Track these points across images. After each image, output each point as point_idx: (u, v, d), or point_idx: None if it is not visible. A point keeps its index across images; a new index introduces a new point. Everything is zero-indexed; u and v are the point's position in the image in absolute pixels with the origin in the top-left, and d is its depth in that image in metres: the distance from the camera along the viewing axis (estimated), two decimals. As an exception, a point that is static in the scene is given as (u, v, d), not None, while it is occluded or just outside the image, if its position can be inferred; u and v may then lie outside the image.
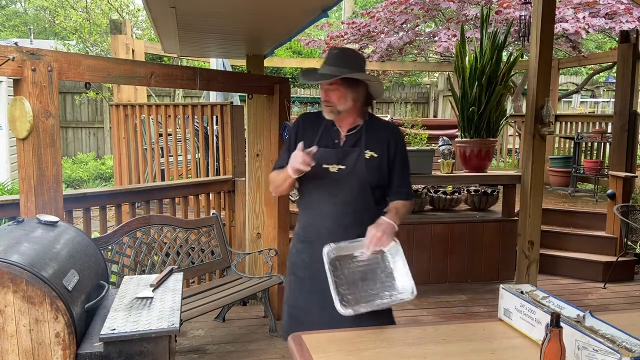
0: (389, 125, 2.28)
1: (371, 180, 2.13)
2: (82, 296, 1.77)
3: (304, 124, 2.28)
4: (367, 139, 2.16)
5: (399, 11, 8.02)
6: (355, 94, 2.12)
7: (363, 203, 2.14)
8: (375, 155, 2.14)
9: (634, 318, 1.81)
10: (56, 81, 2.36)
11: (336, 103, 2.11)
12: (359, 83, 2.12)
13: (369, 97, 2.21)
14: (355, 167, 2.12)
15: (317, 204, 2.18)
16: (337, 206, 2.14)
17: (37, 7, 15.57)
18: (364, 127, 2.18)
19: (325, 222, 2.16)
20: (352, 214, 2.13)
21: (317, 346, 1.54)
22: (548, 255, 5.02)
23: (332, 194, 2.14)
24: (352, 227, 2.11)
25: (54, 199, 2.38)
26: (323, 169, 2.13)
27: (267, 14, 3.40)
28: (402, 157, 2.23)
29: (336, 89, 2.09)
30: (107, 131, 11.35)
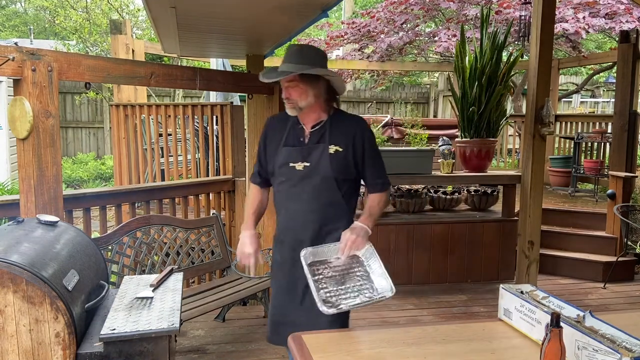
0: (354, 118, 2.28)
1: (337, 175, 2.14)
2: (82, 296, 1.77)
3: (270, 129, 2.32)
4: (331, 134, 2.17)
5: (399, 11, 8.02)
6: (315, 89, 2.12)
7: (330, 199, 2.16)
8: (340, 150, 2.15)
9: (634, 318, 1.81)
10: (56, 81, 2.36)
11: (297, 99, 2.12)
12: (319, 79, 2.12)
13: (333, 93, 2.22)
14: (319, 163, 2.14)
15: (286, 203, 2.22)
16: (304, 204, 2.17)
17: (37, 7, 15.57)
18: (328, 123, 2.19)
19: (293, 221, 2.21)
20: (319, 211, 2.16)
21: (317, 346, 1.54)
22: (548, 255, 5.02)
23: (299, 191, 2.17)
24: (321, 223, 2.16)
25: (54, 199, 2.38)
26: (290, 167, 2.17)
27: (267, 14, 3.40)
28: (371, 148, 2.22)
29: (296, 85, 2.10)
30: (107, 131, 11.35)
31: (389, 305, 4.26)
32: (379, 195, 2.25)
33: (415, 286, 4.74)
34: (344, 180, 2.18)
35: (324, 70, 2.13)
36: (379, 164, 2.25)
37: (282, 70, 2.10)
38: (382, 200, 2.25)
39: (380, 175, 2.25)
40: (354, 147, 2.17)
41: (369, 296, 1.90)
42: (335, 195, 2.17)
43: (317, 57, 2.15)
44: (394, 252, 4.70)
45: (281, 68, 2.12)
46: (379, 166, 2.25)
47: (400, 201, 5.04)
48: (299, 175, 2.16)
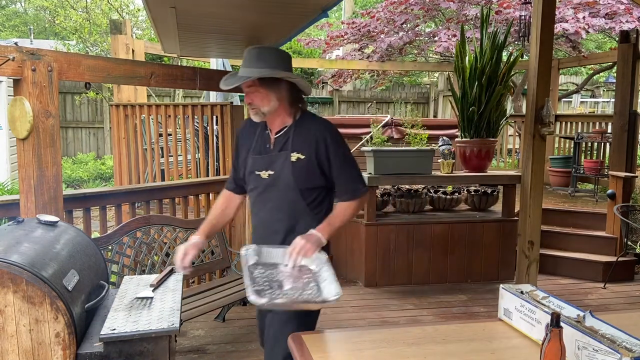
0: (319, 123, 2.13)
1: (300, 184, 2.05)
2: (82, 296, 1.78)
3: (242, 134, 2.25)
4: (294, 141, 2.06)
5: (399, 11, 8.03)
6: (277, 93, 2.03)
7: (294, 208, 2.08)
8: (302, 157, 2.04)
9: (634, 318, 1.81)
10: (56, 81, 2.36)
11: (259, 105, 2.03)
12: (280, 81, 2.03)
13: (299, 94, 2.11)
14: (282, 172, 2.06)
15: (257, 211, 2.18)
16: (269, 212, 2.12)
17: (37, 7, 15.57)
18: (292, 128, 2.09)
19: (262, 229, 2.17)
20: (284, 220, 2.09)
21: (317, 346, 1.54)
22: (548, 255, 5.02)
23: (265, 200, 2.12)
24: (286, 233, 2.08)
25: (54, 199, 2.38)
26: (256, 175, 2.12)
27: (267, 14, 3.40)
28: (337, 154, 2.07)
29: (256, 90, 2.01)
30: (107, 131, 11.35)
31: (388, 305, 4.26)
32: (347, 204, 2.10)
33: (415, 286, 4.74)
34: (310, 189, 2.07)
35: (283, 72, 2.02)
36: (349, 171, 2.10)
37: (240, 76, 2.01)
38: (349, 209, 2.10)
39: (349, 183, 2.10)
40: (317, 154, 2.04)
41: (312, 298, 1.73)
42: (299, 205, 2.07)
43: (277, 59, 2.04)
44: (394, 252, 4.71)
45: (240, 73, 2.03)
46: (348, 173, 2.10)
47: (400, 201, 5.04)
48: (264, 184, 2.10)
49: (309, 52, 13.15)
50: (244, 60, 2.04)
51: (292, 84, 2.07)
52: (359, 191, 2.11)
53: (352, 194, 2.10)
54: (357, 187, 2.11)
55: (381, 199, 4.99)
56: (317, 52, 12.11)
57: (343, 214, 2.09)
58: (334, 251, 5.07)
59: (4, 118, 8.60)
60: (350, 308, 4.19)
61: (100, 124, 11.88)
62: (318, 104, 12.92)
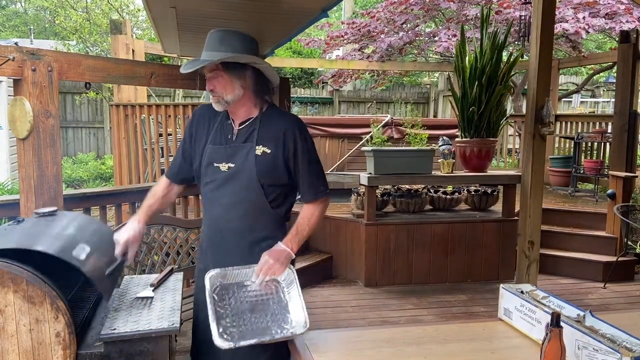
0: (286, 116, 2.02)
1: (263, 179, 1.91)
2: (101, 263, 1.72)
3: (199, 118, 2.07)
4: (260, 133, 1.93)
5: (399, 11, 8.03)
6: (242, 80, 1.90)
7: (255, 205, 1.94)
8: (267, 151, 1.91)
9: (634, 318, 1.81)
10: (56, 81, 2.36)
11: (222, 92, 1.89)
12: (246, 68, 1.89)
13: (266, 84, 1.98)
14: (244, 165, 1.91)
15: (210, 207, 2.01)
16: (226, 208, 1.95)
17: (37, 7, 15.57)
18: (259, 120, 1.95)
19: (216, 228, 2.01)
20: (243, 217, 1.95)
21: (317, 346, 1.54)
22: (548, 255, 5.02)
23: (221, 195, 1.96)
24: (244, 232, 1.96)
25: (54, 199, 2.38)
26: (214, 167, 1.96)
27: (267, 14, 3.40)
28: (304, 151, 1.95)
29: (219, 75, 1.88)
30: (107, 131, 11.35)
31: (388, 305, 4.26)
32: (312, 206, 2.00)
33: (415, 286, 4.74)
34: (272, 186, 1.94)
35: (249, 57, 1.87)
36: (314, 170, 1.99)
37: (202, 59, 1.86)
38: (315, 213, 2.00)
39: (313, 182, 1.99)
40: (284, 150, 1.92)
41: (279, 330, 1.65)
42: (260, 201, 1.94)
43: (243, 43, 1.90)
44: (394, 252, 4.71)
45: (202, 57, 1.88)
46: (314, 173, 1.99)
47: (400, 201, 5.04)
48: (222, 177, 1.94)
49: (309, 52, 13.16)
50: (206, 43, 1.91)
51: (258, 72, 1.93)
52: (323, 193, 2.02)
53: (316, 194, 2.00)
54: (321, 189, 2.01)
55: (381, 199, 4.99)
56: (317, 52, 12.11)
57: (309, 220, 1.99)
58: (334, 251, 5.08)
59: (4, 118, 8.60)
60: (350, 308, 4.19)
61: (100, 124, 11.87)
62: (318, 104, 12.92)
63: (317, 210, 2.01)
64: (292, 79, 12.96)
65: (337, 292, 4.59)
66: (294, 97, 12.30)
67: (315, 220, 2.01)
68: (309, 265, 4.76)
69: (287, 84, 3.82)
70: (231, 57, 1.84)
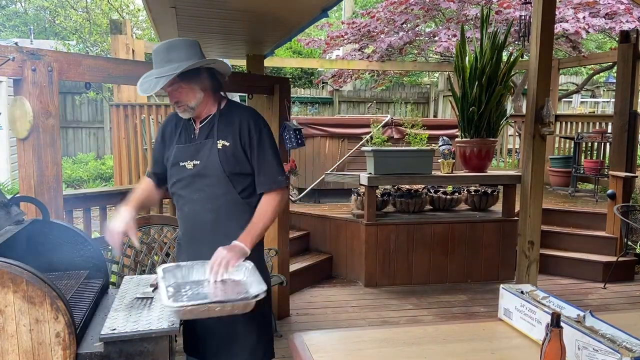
0: (242, 109, 2.07)
1: (228, 172, 1.97)
2: None
3: (165, 128, 2.14)
4: (219, 128, 2.00)
5: (399, 11, 8.03)
6: (200, 83, 1.96)
7: (225, 198, 1.99)
8: (227, 144, 1.97)
9: (634, 318, 1.81)
10: (56, 81, 2.36)
11: (186, 101, 1.95)
12: (199, 70, 1.94)
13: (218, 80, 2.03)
14: (209, 161, 1.97)
15: (182, 205, 2.08)
16: (196, 205, 2.02)
17: (37, 7, 15.57)
18: (217, 116, 2.02)
19: (189, 224, 2.07)
20: (214, 211, 2.00)
21: (317, 346, 1.54)
22: (548, 255, 5.02)
23: (191, 192, 2.03)
24: (217, 225, 2.00)
25: (54, 199, 2.38)
26: (180, 167, 2.03)
27: (267, 14, 3.40)
28: (259, 141, 1.99)
29: (179, 87, 1.93)
30: (107, 131, 11.35)
31: (389, 305, 4.26)
32: (269, 198, 2.01)
33: (415, 286, 4.74)
34: (239, 176, 2.00)
35: (200, 61, 1.92)
36: (268, 160, 2.01)
37: (157, 78, 1.89)
38: (272, 205, 2.00)
39: (268, 172, 2.00)
40: (241, 140, 1.98)
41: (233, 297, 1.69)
42: (230, 194, 1.99)
43: (189, 48, 1.93)
44: (394, 252, 4.71)
45: (155, 75, 1.91)
46: (268, 162, 2.00)
47: (400, 201, 5.04)
48: (189, 175, 2.02)
49: (309, 52, 13.15)
50: (154, 61, 1.95)
51: (211, 71, 1.99)
52: (280, 183, 2.02)
53: (271, 184, 2.01)
54: (277, 178, 2.02)
55: (381, 199, 4.99)
56: (317, 52, 12.11)
57: (266, 214, 1.98)
58: (334, 251, 5.09)
59: (4, 118, 8.60)
60: (350, 308, 4.19)
61: (100, 124, 11.87)
62: (318, 104, 12.92)
63: (273, 202, 2.01)
64: (292, 79, 12.95)
65: (337, 292, 4.59)
66: (294, 97, 12.30)
67: (270, 214, 2.00)
68: (309, 265, 4.76)
69: (287, 84, 3.82)
70: (189, 65, 1.87)
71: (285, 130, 3.68)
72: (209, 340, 2.04)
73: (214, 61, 1.99)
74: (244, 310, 1.69)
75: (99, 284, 2.01)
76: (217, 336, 2.02)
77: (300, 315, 3.97)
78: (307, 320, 3.88)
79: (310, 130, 5.85)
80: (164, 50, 1.93)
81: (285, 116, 3.77)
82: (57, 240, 2.03)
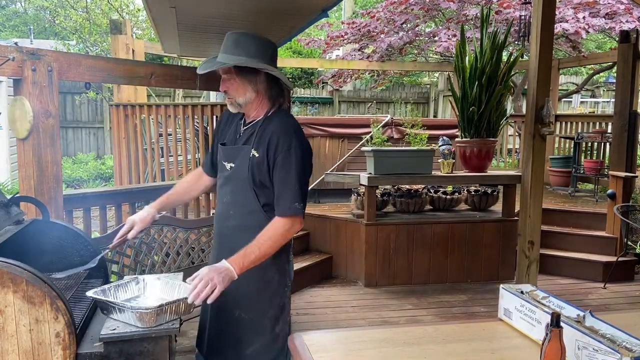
0: (281, 123, 1.94)
1: (254, 183, 1.92)
2: None
3: (223, 120, 2.15)
4: (258, 136, 1.94)
5: (399, 11, 8.03)
6: (254, 85, 1.91)
7: (247, 206, 1.95)
8: (256, 155, 1.92)
9: (634, 318, 1.81)
10: (56, 81, 2.36)
11: (234, 95, 1.92)
12: (259, 73, 1.90)
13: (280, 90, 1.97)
14: (241, 167, 1.95)
15: (218, 203, 2.10)
16: (224, 206, 2.03)
17: (37, 7, 15.57)
18: (260, 122, 1.96)
19: (218, 223, 2.09)
20: (236, 217, 1.98)
21: (317, 346, 1.54)
22: (548, 255, 5.02)
23: (224, 193, 2.03)
24: (239, 232, 1.97)
25: (54, 199, 2.38)
26: (222, 165, 2.03)
27: (267, 13, 3.40)
28: (285, 160, 1.87)
29: (231, 78, 1.90)
30: (107, 131, 11.35)
31: (389, 305, 4.26)
32: (278, 223, 1.87)
33: (415, 286, 4.74)
34: (264, 190, 1.92)
35: (261, 64, 1.87)
36: (289, 184, 1.87)
37: (216, 61, 1.87)
38: (278, 232, 1.86)
39: (287, 196, 1.87)
40: (267, 156, 1.90)
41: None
42: (253, 204, 1.94)
43: (258, 47, 1.89)
44: (394, 252, 4.70)
45: (218, 58, 1.89)
46: (289, 185, 1.87)
47: (400, 201, 5.04)
48: (225, 176, 2.01)
49: (309, 52, 13.16)
50: (223, 45, 1.92)
51: (271, 77, 1.93)
52: (292, 210, 1.86)
53: (285, 210, 1.87)
54: (294, 203, 1.87)
55: (381, 199, 4.99)
56: (317, 52, 12.11)
57: (262, 245, 1.83)
58: (334, 251, 5.08)
59: (4, 118, 8.60)
60: (350, 308, 4.19)
61: (100, 124, 11.87)
62: (318, 104, 12.92)
63: (281, 229, 1.87)
64: (292, 79, 12.95)
65: (337, 292, 4.59)
66: (294, 97, 12.30)
67: (271, 243, 1.84)
68: (309, 265, 4.76)
69: (287, 84, 3.82)
70: (243, 62, 1.85)
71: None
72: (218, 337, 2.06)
73: (273, 70, 1.92)
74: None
75: (99, 284, 2.01)
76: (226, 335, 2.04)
77: (300, 315, 3.97)
78: (307, 320, 3.88)
79: (310, 130, 5.86)
80: (234, 39, 1.89)
81: (285, 116, 3.76)
82: (57, 240, 2.03)
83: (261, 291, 1.99)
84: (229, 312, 1.99)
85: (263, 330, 2.01)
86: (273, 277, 2.02)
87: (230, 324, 2.01)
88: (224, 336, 2.04)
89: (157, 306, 1.61)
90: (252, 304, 1.98)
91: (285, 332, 2.08)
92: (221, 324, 2.04)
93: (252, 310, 1.99)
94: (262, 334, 2.01)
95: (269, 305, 2.02)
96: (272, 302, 2.03)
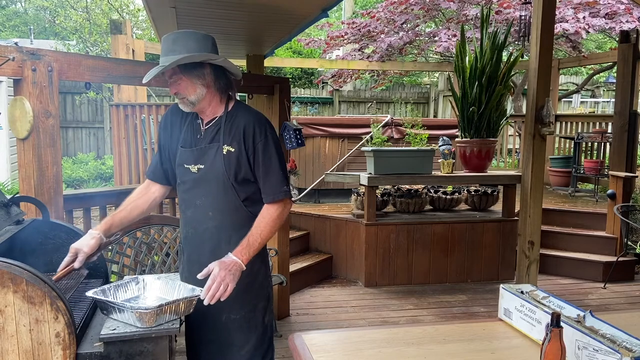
0: (248, 114, 1.94)
1: (233, 179, 1.89)
2: None
3: (169, 119, 2.04)
4: (225, 132, 1.90)
5: (399, 11, 8.03)
6: (202, 79, 1.87)
7: (227, 205, 1.92)
8: (232, 150, 1.89)
9: (634, 318, 1.81)
10: (56, 81, 2.36)
11: (185, 93, 1.87)
12: (204, 66, 1.86)
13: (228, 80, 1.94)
14: (213, 166, 1.90)
15: (184, 208, 2.01)
16: (198, 210, 1.95)
17: (37, 7, 15.57)
18: (224, 118, 1.92)
19: (191, 229, 2.00)
20: (216, 218, 1.93)
21: (317, 346, 1.54)
22: (548, 255, 5.02)
23: (194, 196, 1.96)
24: (218, 232, 1.94)
25: (54, 199, 2.38)
26: (184, 169, 1.96)
27: (267, 14, 3.40)
28: (264, 148, 1.90)
29: (179, 79, 1.86)
30: (107, 131, 11.34)
31: (388, 305, 4.26)
32: (270, 209, 1.90)
33: (415, 286, 4.74)
34: (243, 184, 1.92)
35: (202, 55, 1.84)
36: (273, 169, 1.91)
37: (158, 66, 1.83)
38: (272, 217, 1.89)
39: (273, 181, 1.91)
40: (245, 148, 1.89)
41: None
42: (233, 202, 1.92)
43: (197, 42, 1.86)
44: (394, 252, 4.71)
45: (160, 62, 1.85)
46: (273, 171, 1.91)
47: (400, 201, 5.04)
48: (193, 179, 1.94)
49: (309, 52, 13.15)
50: (162, 48, 1.88)
51: (218, 68, 1.90)
52: (282, 193, 1.92)
53: (275, 194, 1.91)
54: (282, 187, 1.92)
55: (381, 199, 4.99)
56: (317, 52, 12.11)
57: (266, 227, 1.88)
58: (334, 251, 5.08)
59: (4, 118, 8.60)
60: (350, 308, 4.19)
61: (100, 124, 11.87)
62: (318, 104, 12.91)
63: (274, 213, 1.91)
64: (292, 79, 12.95)
65: (337, 292, 4.59)
66: (294, 97, 12.29)
67: (270, 227, 1.89)
68: (309, 265, 4.76)
69: (287, 84, 3.82)
70: (185, 58, 1.80)
71: (285, 130, 3.68)
72: (205, 346, 2.02)
73: (217, 58, 1.87)
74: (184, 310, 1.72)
75: (99, 284, 2.01)
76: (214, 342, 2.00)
77: (300, 315, 3.97)
78: (307, 320, 3.88)
79: (310, 130, 5.86)
80: (171, 39, 1.86)
81: (285, 116, 3.77)
82: (57, 240, 2.03)
83: (249, 286, 1.96)
84: (214, 319, 1.95)
85: (255, 325, 1.99)
86: (260, 269, 2.01)
87: (217, 330, 1.97)
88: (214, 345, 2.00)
89: (156, 306, 1.61)
90: (241, 302, 1.95)
91: (272, 320, 2.10)
92: (207, 333, 1.99)
93: (243, 308, 1.96)
94: (254, 329, 1.99)
95: (257, 298, 2.01)
96: (260, 294, 2.03)
